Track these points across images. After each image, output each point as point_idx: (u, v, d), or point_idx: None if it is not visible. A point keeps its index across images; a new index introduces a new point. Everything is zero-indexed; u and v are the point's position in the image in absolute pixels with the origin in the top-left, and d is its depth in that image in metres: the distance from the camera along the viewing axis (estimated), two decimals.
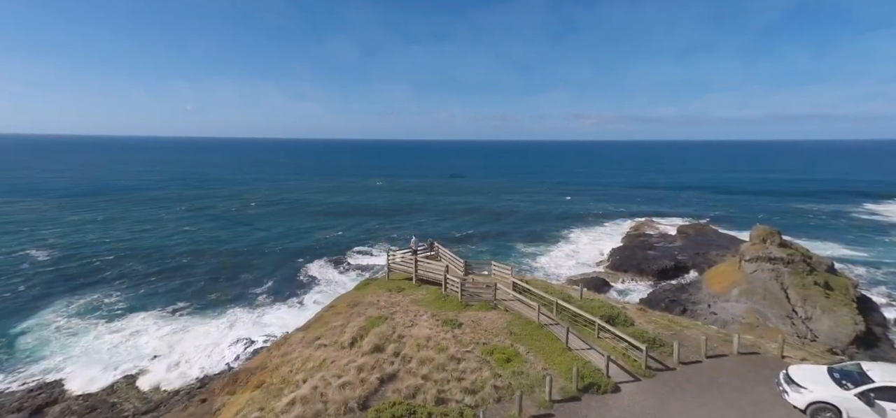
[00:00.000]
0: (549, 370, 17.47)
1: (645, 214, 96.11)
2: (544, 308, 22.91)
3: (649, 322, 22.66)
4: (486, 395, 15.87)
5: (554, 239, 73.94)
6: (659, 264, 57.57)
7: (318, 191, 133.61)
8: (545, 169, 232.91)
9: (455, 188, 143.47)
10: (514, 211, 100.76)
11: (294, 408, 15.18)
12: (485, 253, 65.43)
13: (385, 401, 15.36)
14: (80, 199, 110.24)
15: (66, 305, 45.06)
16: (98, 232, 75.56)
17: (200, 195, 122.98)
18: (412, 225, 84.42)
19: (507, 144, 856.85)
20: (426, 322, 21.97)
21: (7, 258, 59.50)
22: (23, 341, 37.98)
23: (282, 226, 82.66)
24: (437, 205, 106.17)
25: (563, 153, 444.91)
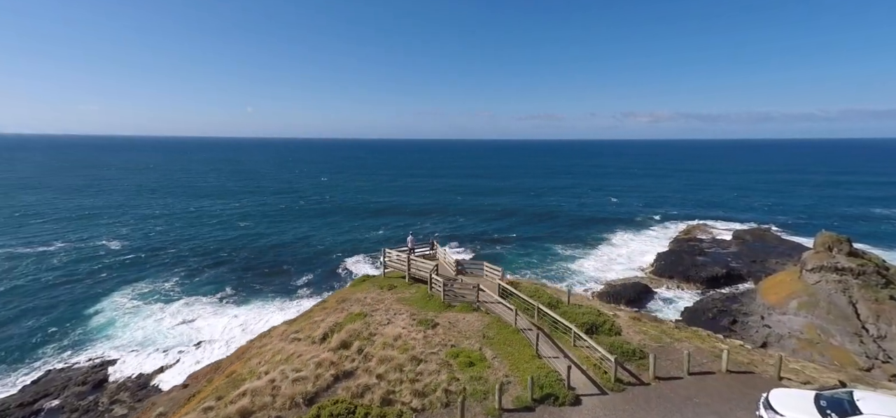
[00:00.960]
0: (511, 377, 16.84)
1: (698, 218, 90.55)
2: (526, 312, 22.42)
3: (639, 332, 21.19)
4: (435, 399, 15.48)
5: (595, 242, 71.39)
6: (708, 271, 54.03)
7: (360, 191, 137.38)
8: (591, 169, 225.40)
9: (495, 189, 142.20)
10: (556, 212, 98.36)
11: (243, 399, 15.37)
12: (522, 255, 64.49)
13: (329, 399, 15.25)
14: (150, 196, 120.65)
15: (131, 290, 49.60)
16: (163, 224, 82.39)
17: (253, 191, 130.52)
18: (450, 224, 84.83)
19: (552, 144, 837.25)
20: (402, 321, 21.91)
21: (87, 246, 66.28)
22: (94, 320, 42.30)
23: (324, 223, 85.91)
24: (476, 206, 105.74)
25: (611, 153, 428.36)
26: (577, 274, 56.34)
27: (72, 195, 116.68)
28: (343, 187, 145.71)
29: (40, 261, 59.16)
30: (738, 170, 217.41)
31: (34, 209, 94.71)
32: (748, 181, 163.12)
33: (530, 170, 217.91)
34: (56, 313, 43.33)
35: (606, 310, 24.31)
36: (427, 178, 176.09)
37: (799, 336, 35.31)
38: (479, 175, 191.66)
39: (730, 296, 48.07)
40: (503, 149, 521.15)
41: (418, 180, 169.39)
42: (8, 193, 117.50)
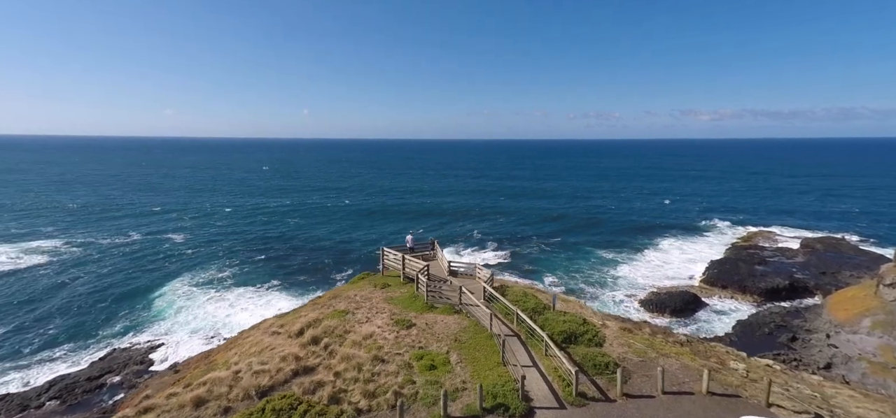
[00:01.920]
0: (469, 383, 16.27)
1: (761, 223, 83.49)
2: (507, 318, 21.72)
3: (624, 344, 19.69)
4: (383, 401, 15.30)
5: (642, 247, 67.75)
6: (768, 282, 49.54)
7: (406, 191, 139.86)
8: (644, 171, 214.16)
9: (541, 191, 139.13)
10: (603, 216, 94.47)
11: (201, 388, 15.71)
12: (562, 259, 62.56)
13: (278, 394, 15.35)
14: (211, 194, 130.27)
15: (189, 278, 53.80)
16: (221, 220, 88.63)
17: (303, 190, 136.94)
18: (491, 225, 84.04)
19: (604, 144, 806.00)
20: (380, 320, 21.89)
21: (155, 239, 72.71)
22: (156, 304, 46.38)
23: (369, 222, 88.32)
24: (519, 208, 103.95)
25: (667, 153, 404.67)
26: (620, 280, 53.73)
27: (149, 192, 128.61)
28: (389, 187, 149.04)
29: (117, 250, 65.68)
30: (813, 172, 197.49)
31: (117, 204, 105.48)
32: (825, 185, 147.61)
33: (579, 172, 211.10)
34: (124, 298, 47.92)
35: (595, 319, 22.95)
36: (474, 179, 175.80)
37: (871, 358, 31.43)
38: (526, 176, 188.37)
39: (791, 310, 43.78)
40: (553, 150, 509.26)
41: (465, 181, 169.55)
42: (96, 189, 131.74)
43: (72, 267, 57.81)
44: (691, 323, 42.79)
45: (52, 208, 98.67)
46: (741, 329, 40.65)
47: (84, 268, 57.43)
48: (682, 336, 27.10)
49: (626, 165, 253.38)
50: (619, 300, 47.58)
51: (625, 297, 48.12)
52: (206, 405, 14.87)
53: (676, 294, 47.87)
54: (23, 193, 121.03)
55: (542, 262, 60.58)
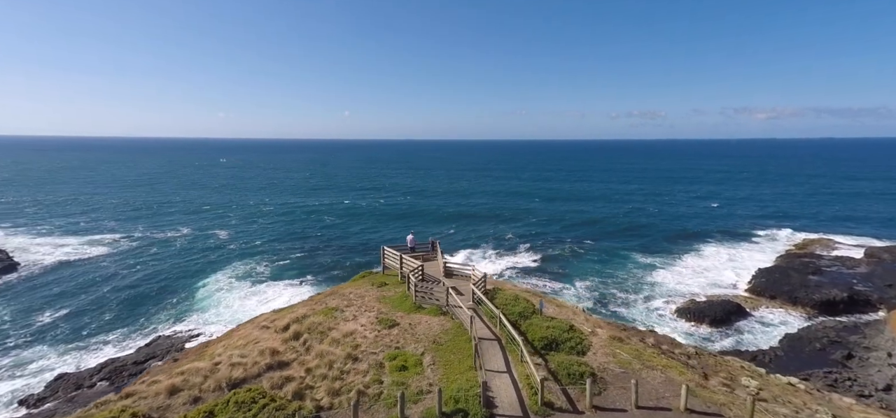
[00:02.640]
0: (436, 386, 15.92)
1: (820, 230, 77.11)
2: (492, 321, 21.18)
3: (610, 353, 18.49)
4: (345, 400, 15.25)
5: (681, 252, 64.41)
6: (823, 293, 45.67)
7: (436, 192, 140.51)
8: (691, 173, 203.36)
9: (576, 193, 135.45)
10: (642, 219, 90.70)
11: (178, 378, 16.23)
12: (594, 262, 60.66)
13: (245, 387, 15.60)
14: (256, 193, 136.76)
15: (230, 271, 56.78)
16: (263, 217, 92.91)
17: (341, 189, 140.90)
18: (522, 228, 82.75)
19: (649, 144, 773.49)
20: (365, 318, 21.93)
21: (201, 235, 77.28)
22: (198, 295, 49.35)
23: (400, 222, 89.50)
24: (553, 211, 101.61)
25: (717, 154, 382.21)
26: (657, 287, 51.32)
27: (199, 190, 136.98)
28: (423, 187, 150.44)
29: (169, 244, 70.43)
30: (886, 175, 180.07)
31: (172, 201, 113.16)
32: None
33: (620, 173, 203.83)
34: (171, 288, 51.30)
35: (586, 325, 21.81)
36: (507, 180, 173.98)
37: None
38: (562, 178, 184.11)
39: (848, 325, 40.14)
40: (592, 150, 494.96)
41: (499, 182, 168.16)
42: (154, 187, 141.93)
43: (128, 258, 62.54)
44: (731, 335, 40.24)
45: (115, 204, 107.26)
46: (789, 343, 37.70)
47: (139, 259, 61.98)
48: (690, 347, 25.42)
49: (671, 167, 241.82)
50: (653, 308, 45.47)
51: (660, 305, 45.92)
52: (179, 393, 15.54)
53: (717, 303, 45.12)
54: (92, 190, 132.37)
55: (573, 266, 58.99)
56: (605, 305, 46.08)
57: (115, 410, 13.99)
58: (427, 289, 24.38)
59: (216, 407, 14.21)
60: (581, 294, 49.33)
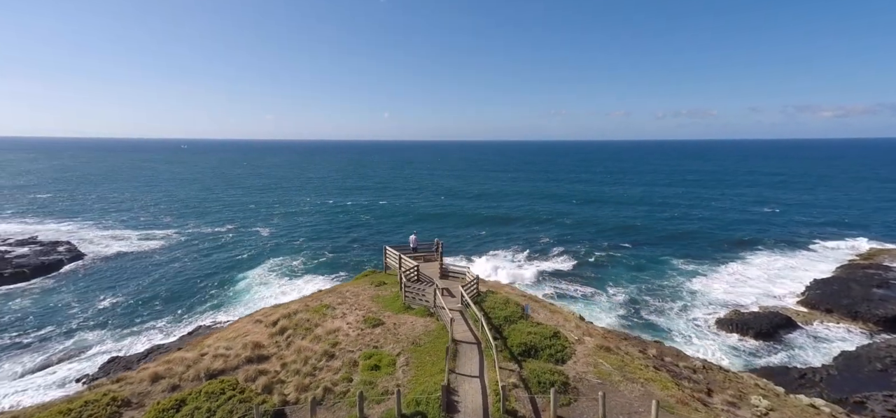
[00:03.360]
0: (404, 387, 15.79)
1: (891, 239, 70.12)
2: (475, 324, 20.61)
3: (591, 362, 17.39)
4: (309, 395, 15.35)
5: (727, 259, 60.56)
6: (889, 308, 41.57)
7: (473, 195, 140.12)
8: (746, 175, 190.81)
9: (616, 197, 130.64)
10: (685, 224, 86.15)
11: (161, 366, 16.87)
12: (630, 268, 58.32)
13: (219, 379, 15.94)
14: (296, 192, 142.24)
15: (268, 266, 59.48)
16: (302, 216, 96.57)
17: (377, 190, 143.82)
18: (558, 232, 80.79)
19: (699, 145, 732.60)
20: (353, 317, 22.07)
21: (244, 231, 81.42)
22: (238, 287, 52.15)
23: (433, 224, 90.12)
24: (592, 215, 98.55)
25: (776, 155, 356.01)
26: (697, 295, 48.57)
27: (246, 190, 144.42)
28: (458, 189, 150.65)
29: (215, 240, 74.76)
30: None
31: (221, 199, 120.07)
32: None
33: (665, 175, 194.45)
34: (214, 281, 54.41)
35: (575, 332, 20.69)
36: (544, 182, 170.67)
37: None
38: (601, 180, 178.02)
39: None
40: (635, 151, 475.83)
41: (535, 184, 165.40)
42: (205, 185, 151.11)
43: (178, 251, 66.99)
44: (779, 350, 37.39)
45: (169, 201, 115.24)
46: (845, 362, 34.47)
47: (187, 253, 66.23)
48: (697, 361, 23.69)
49: (723, 169, 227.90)
50: (690, 318, 43.05)
51: (699, 315, 43.41)
52: (160, 381, 16.33)
53: (764, 315, 42.08)
54: (150, 188, 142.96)
55: (607, 272, 56.94)
56: (637, 313, 44.15)
57: (98, 394, 15.03)
58: (416, 289, 24.29)
59: (188, 396, 14.91)
60: (613, 300, 47.57)
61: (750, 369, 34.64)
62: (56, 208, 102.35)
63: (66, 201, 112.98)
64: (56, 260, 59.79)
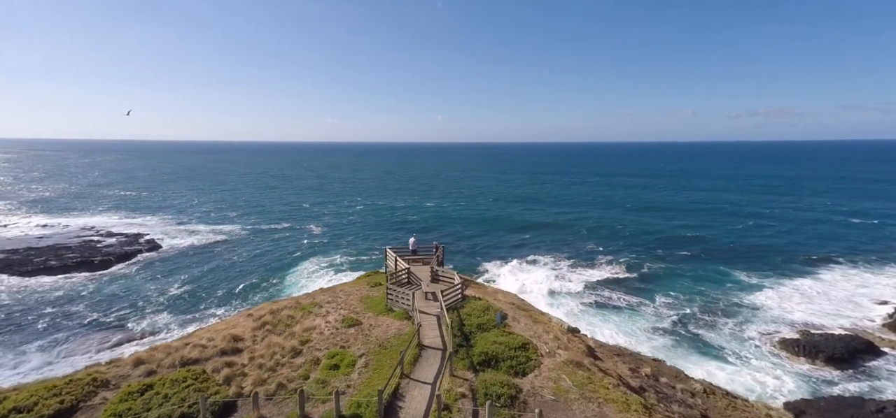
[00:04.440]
0: (353, 387, 15.82)
1: None
2: (447, 329, 20.01)
3: (553, 378, 16.41)
4: (263, 391, 15.83)
5: (799, 274, 54.67)
6: None
7: (524, 199, 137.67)
8: (837, 182, 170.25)
9: (679, 204, 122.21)
10: (754, 234, 78.86)
11: (148, 352, 18.08)
12: (682, 277, 54.55)
13: (187, 368, 16.81)
14: (349, 193, 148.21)
15: (316, 262, 62.72)
16: (352, 215, 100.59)
17: (428, 192, 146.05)
18: (610, 239, 76.90)
19: (780, 146, 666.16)
20: (333, 316, 22.40)
21: (298, 229, 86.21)
22: (287, 281, 55.58)
23: (479, 230, 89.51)
24: (647, 223, 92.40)
25: (876, 157, 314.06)
26: (759, 312, 44.27)
27: (301, 190, 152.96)
28: (507, 193, 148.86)
29: (272, 236, 79.99)
30: None
31: (282, 199, 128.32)
32: None
33: (736, 181, 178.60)
34: (268, 273, 58.33)
35: (549, 345, 19.27)
36: (599, 188, 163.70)
37: None
38: (661, 186, 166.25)
39: None
40: (704, 154, 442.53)
41: (589, 188, 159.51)
42: (268, 185, 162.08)
43: (240, 246, 72.45)
44: (857, 378, 33.17)
45: (236, 199, 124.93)
46: None
47: (248, 247, 71.45)
48: (697, 383, 21.15)
49: (806, 173, 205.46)
50: (746, 336, 39.26)
51: (756, 334, 39.52)
52: (141, 366, 17.53)
53: (839, 337, 37.56)
54: (221, 186, 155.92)
55: (657, 282, 53.53)
56: (683, 326, 41.08)
57: (84, 373, 16.51)
58: (398, 292, 24.28)
59: (157, 382, 16.00)
60: (659, 312, 44.68)
61: (817, 397, 31.06)
62: (141, 204, 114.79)
63: (151, 198, 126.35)
64: (137, 249, 67.17)
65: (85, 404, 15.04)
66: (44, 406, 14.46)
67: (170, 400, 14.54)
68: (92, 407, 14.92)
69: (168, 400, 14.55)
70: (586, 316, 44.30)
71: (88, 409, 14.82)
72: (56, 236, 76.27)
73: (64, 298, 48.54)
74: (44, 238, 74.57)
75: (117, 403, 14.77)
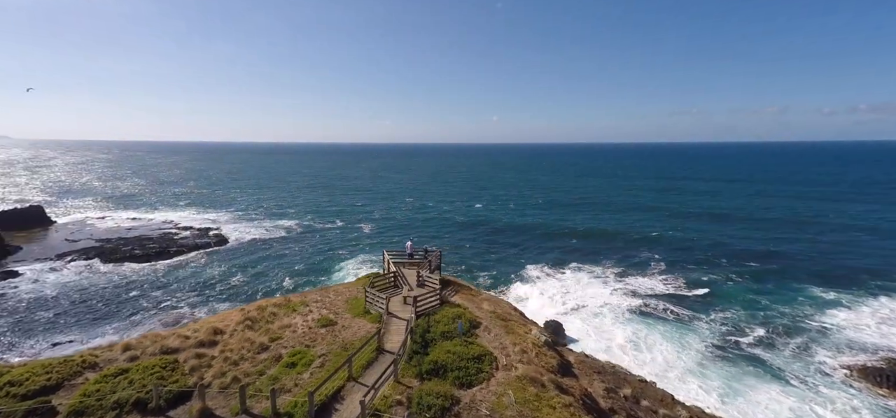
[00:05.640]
0: (300, 386, 15.98)
1: None
2: (410, 336, 20.42)
3: (499, 393, 16.05)
4: (217, 383, 16.34)
5: (886, 290, 47.71)
6: None
7: (572, 205, 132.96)
8: None
9: (753, 212, 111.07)
10: (832, 248, 69.69)
11: (138, 339, 19.22)
12: (747, 293, 49.48)
13: (161, 357, 18.12)
14: (402, 194, 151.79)
15: (362, 259, 65.62)
16: (401, 216, 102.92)
17: (479, 194, 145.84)
18: (669, 250, 71.58)
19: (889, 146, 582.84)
20: (313, 316, 22.89)
21: (349, 227, 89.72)
22: (334, 276, 58.50)
23: (536, 241, 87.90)
24: (714, 234, 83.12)
25: None
26: (828, 333, 38.81)
27: (352, 190, 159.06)
28: (565, 201, 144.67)
29: (325, 233, 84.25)
30: None
31: (336, 200, 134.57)
32: None
33: (827, 187, 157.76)
34: (318, 267, 61.82)
35: (507, 358, 17.89)
36: (660, 193, 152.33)
37: None
38: (734, 192, 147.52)
39: None
40: (792, 156, 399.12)
41: (650, 195, 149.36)
42: (325, 184, 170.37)
43: (297, 241, 77.13)
44: None
45: (296, 198, 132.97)
46: None
47: (300, 243, 75.83)
48: (682, 410, 18.49)
49: None
50: (813, 361, 34.44)
51: (826, 357, 34.70)
52: (129, 351, 18.68)
53: None
54: (281, 185, 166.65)
55: (718, 295, 48.71)
56: (741, 343, 37.20)
57: (75, 356, 17.81)
58: (373, 295, 24.40)
59: (133, 367, 17.01)
60: (712, 326, 40.95)
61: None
62: (212, 201, 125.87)
63: (221, 195, 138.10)
64: (206, 242, 73.80)
65: (69, 382, 16.27)
66: (33, 381, 15.90)
67: (133, 385, 15.56)
68: (73, 386, 16.09)
69: (132, 385, 15.56)
70: (632, 325, 41.91)
71: (70, 387, 16.01)
72: (141, 228, 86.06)
73: (143, 282, 54.66)
74: (132, 229, 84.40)
75: (92, 384, 15.92)
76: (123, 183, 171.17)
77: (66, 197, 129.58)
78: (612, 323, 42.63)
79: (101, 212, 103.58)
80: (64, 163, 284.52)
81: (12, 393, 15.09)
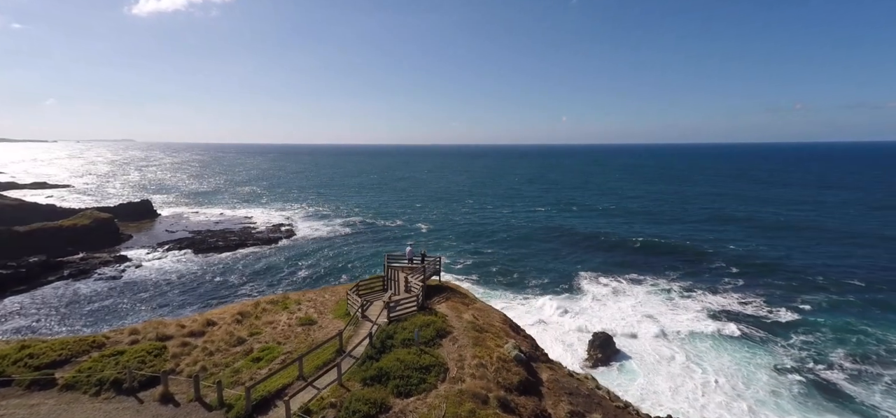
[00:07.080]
0: (255, 380, 16.36)
1: None
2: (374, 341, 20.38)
3: (436, 405, 15.16)
4: (188, 371, 17.11)
5: None
6: None
7: (641, 213, 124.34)
8: None
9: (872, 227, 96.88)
10: None
11: (144, 325, 20.63)
12: (841, 315, 43.48)
13: (153, 342, 19.33)
14: (457, 195, 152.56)
15: None
16: (458, 218, 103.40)
17: (542, 199, 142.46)
18: (741, 262, 65.26)
19: None
20: (297, 315, 23.31)
21: (408, 226, 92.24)
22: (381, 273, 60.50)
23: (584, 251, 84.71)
24: (794, 250, 71.83)
25: None
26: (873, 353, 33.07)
27: (416, 191, 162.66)
28: (622, 204, 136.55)
29: (384, 231, 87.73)
30: None
31: (395, 198, 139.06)
32: None
33: None
34: (370, 263, 64.67)
35: (460, 370, 17.25)
36: (750, 203, 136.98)
37: None
38: (838, 204, 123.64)
39: None
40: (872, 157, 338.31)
41: (736, 203, 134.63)
42: (390, 184, 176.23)
43: (356, 238, 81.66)
44: None
45: (359, 196, 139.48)
46: None
47: (360, 240, 79.86)
48: None
49: None
50: None
51: None
52: (134, 335, 20.08)
53: None
54: (349, 184, 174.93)
55: (802, 316, 42.79)
56: (813, 372, 32.18)
57: (88, 337, 19.67)
58: (352, 298, 24.44)
59: (128, 350, 18.31)
60: (788, 350, 36.08)
61: None
62: (286, 198, 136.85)
63: (294, 194, 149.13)
64: (278, 237, 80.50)
65: (75, 359, 17.84)
66: (47, 355, 17.68)
67: (118, 366, 16.91)
68: (77, 362, 17.68)
69: (117, 366, 16.92)
70: (693, 343, 38.57)
71: (74, 363, 17.64)
72: (226, 222, 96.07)
73: (225, 270, 61.37)
74: (219, 223, 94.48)
75: (90, 362, 17.41)
76: (214, 179, 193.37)
77: (169, 192, 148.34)
78: (674, 339, 39.90)
79: (195, 207, 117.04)
80: (170, 162, 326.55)
81: (28, 364, 17.09)
